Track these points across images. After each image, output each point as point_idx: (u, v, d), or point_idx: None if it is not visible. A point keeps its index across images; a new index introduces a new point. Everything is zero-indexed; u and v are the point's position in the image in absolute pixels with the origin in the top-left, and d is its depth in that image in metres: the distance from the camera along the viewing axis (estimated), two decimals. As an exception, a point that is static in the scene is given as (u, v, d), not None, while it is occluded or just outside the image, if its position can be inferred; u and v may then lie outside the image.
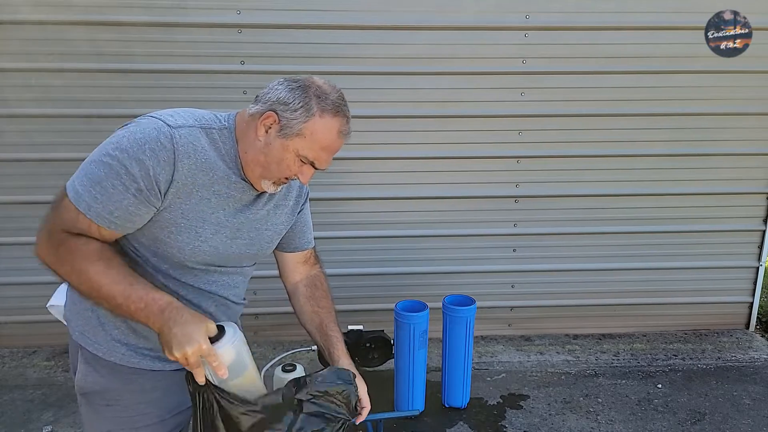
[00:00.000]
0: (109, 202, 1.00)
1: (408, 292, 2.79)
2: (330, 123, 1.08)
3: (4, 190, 2.72)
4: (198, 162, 1.05)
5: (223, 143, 1.10)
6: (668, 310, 3.14)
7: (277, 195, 1.25)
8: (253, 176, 1.11)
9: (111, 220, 1.01)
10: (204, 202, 1.08)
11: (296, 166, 1.10)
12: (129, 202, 1.00)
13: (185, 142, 1.03)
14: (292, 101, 1.06)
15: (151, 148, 0.99)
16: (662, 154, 2.92)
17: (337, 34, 2.65)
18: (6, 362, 2.77)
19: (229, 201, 1.12)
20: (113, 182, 0.99)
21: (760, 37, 2.78)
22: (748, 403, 2.51)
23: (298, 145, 1.07)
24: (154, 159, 0.99)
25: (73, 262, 1.00)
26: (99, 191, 0.99)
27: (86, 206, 1.00)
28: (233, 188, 1.12)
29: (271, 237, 1.27)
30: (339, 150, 1.13)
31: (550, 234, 2.98)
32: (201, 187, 1.07)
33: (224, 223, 1.13)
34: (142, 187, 0.99)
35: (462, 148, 2.84)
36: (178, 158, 1.01)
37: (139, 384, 1.18)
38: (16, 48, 2.57)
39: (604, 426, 2.34)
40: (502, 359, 2.87)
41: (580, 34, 2.74)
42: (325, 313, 1.40)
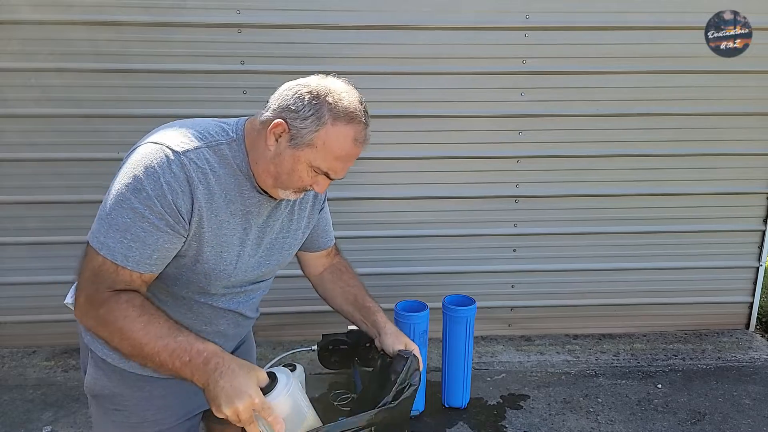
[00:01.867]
0: (145, 247, 0.96)
1: (408, 292, 2.78)
2: (344, 131, 1.00)
3: (4, 190, 2.71)
4: (210, 186, 1.01)
5: (233, 157, 1.04)
6: (668, 310, 3.14)
7: (295, 201, 1.20)
8: (267, 186, 1.07)
9: (152, 264, 0.98)
10: (224, 226, 1.05)
11: (309, 177, 1.04)
12: (164, 240, 0.97)
13: (195, 168, 0.99)
14: (302, 109, 0.99)
15: (167, 181, 0.95)
16: (662, 154, 2.92)
17: (337, 33, 2.65)
18: (6, 362, 2.77)
19: (247, 217, 1.09)
20: (142, 225, 0.95)
21: (760, 37, 2.78)
22: (748, 403, 2.51)
23: (309, 155, 1.01)
24: (172, 191, 0.96)
25: (114, 323, 0.94)
26: (131, 239, 0.95)
27: (123, 258, 0.95)
28: (249, 203, 1.08)
29: (291, 244, 1.24)
30: (357, 157, 1.06)
31: (550, 234, 2.98)
32: (218, 211, 1.03)
33: (246, 241, 1.10)
34: (170, 221, 0.96)
35: (462, 148, 2.84)
36: (193, 186, 0.98)
37: (148, 391, 1.17)
38: (16, 48, 2.57)
39: (604, 426, 2.34)
40: (502, 359, 2.87)
41: (581, 34, 2.74)
42: (356, 290, 1.38)
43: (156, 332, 0.93)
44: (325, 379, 2.63)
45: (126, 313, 0.94)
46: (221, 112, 2.51)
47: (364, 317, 1.33)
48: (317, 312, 2.95)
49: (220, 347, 0.96)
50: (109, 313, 0.94)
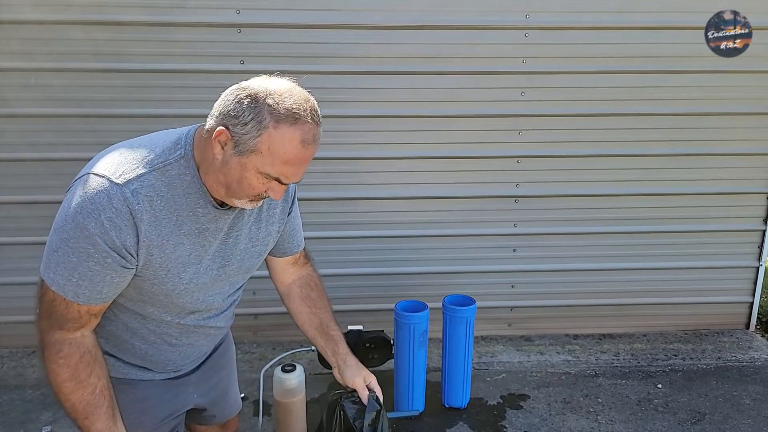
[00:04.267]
0: (94, 284, 0.97)
1: (408, 292, 2.78)
2: (289, 134, 0.94)
3: (4, 190, 2.71)
4: (157, 212, 0.98)
5: (182, 176, 1.00)
6: (668, 310, 3.14)
7: (261, 206, 1.17)
8: (220, 197, 1.03)
9: (103, 297, 1.00)
10: (179, 248, 1.02)
11: (261, 184, 0.98)
12: (113, 276, 0.97)
13: (139, 199, 0.95)
14: (242, 114, 0.94)
15: (108, 218, 0.93)
16: (662, 154, 2.92)
17: (337, 33, 2.65)
18: (5, 362, 2.77)
19: (203, 235, 1.05)
20: (88, 264, 0.95)
21: (760, 37, 2.78)
22: (748, 403, 2.51)
23: (256, 162, 0.95)
24: (115, 228, 0.94)
25: (48, 372, 1.00)
26: (79, 277, 0.96)
27: (73, 294, 0.97)
28: (204, 221, 1.04)
29: (261, 251, 1.22)
30: (310, 159, 1.00)
31: (550, 234, 2.98)
32: (169, 236, 1.00)
33: (204, 258, 1.07)
34: (116, 257, 0.96)
35: (462, 148, 2.84)
36: (137, 218, 0.95)
37: (130, 393, 1.17)
38: (16, 47, 2.57)
39: (605, 426, 2.34)
40: (502, 359, 2.87)
41: (581, 34, 2.74)
42: (323, 313, 1.38)
43: (75, 403, 1.00)
44: (325, 379, 2.63)
45: (58, 370, 0.99)
46: (221, 112, 2.50)
47: (326, 345, 1.35)
48: (317, 312, 2.95)
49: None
50: (47, 360, 0.99)
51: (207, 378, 1.35)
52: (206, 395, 1.36)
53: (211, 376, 1.36)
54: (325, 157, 2.77)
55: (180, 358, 1.22)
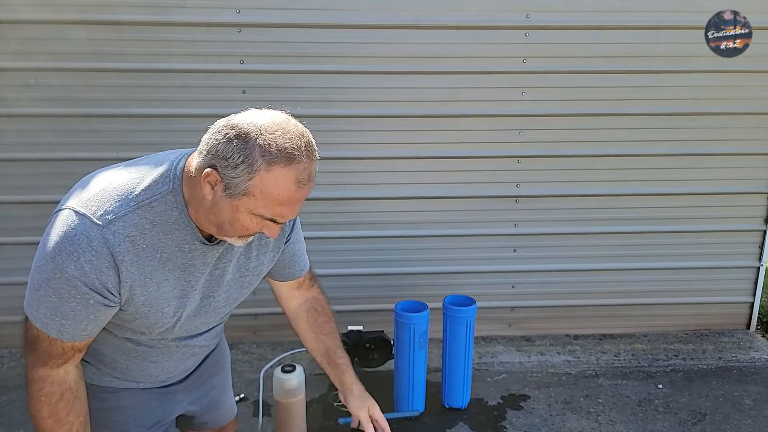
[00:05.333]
0: (77, 323, 0.96)
1: (408, 292, 2.78)
2: (282, 175, 0.88)
3: (4, 190, 2.71)
4: (140, 251, 0.95)
5: (168, 212, 0.96)
6: (669, 310, 3.14)
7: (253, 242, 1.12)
8: (212, 233, 0.99)
9: (87, 334, 1.00)
10: (163, 285, 1.00)
11: (254, 224, 0.94)
12: (95, 315, 0.97)
13: (120, 240, 0.92)
14: (231, 155, 0.88)
15: (88, 260, 0.91)
16: (662, 154, 2.92)
17: (337, 33, 2.65)
18: (5, 362, 2.77)
19: (190, 270, 1.02)
20: (69, 305, 0.94)
21: (760, 37, 2.78)
22: (749, 404, 2.50)
23: (249, 204, 0.91)
24: (95, 270, 0.91)
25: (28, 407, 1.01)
26: (62, 316, 0.95)
27: (57, 333, 0.97)
28: (190, 257, 1.01)
29: (251, 281, 1.18)
30: (305, 197, 0.96)
31: (550, 234, 2.98)
32: (152, 273, 0.98)
33: (189, 293, 1.05)
34: (98, 297, 0.94)
35: (462, 147, 2.83)
36: (118, 260, 0.92)
37: (113, 401, 1.17)
38: (15, 47, 2.56)
39: (605, 426, 2.34)
40: (502, 360, 2.87)
41: (581, 34, 2.74)
42: (329, 340, 1.35)
43: None
44: (325, 379, 2.62)
45: (38, 407, 1.00)
46: (221, 112, 2.48)
47: (332, 372, 1.35)
48: (317, 312, 2.94)
49: None
50: (29, 395, 1.01)
51: (197, 386, 1.32)
52: (197, 402, 1.33)
53: (201, 383, 1.33)
54: (324, 156, 2.73)
55: (163, 372, 1.20)
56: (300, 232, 1.28)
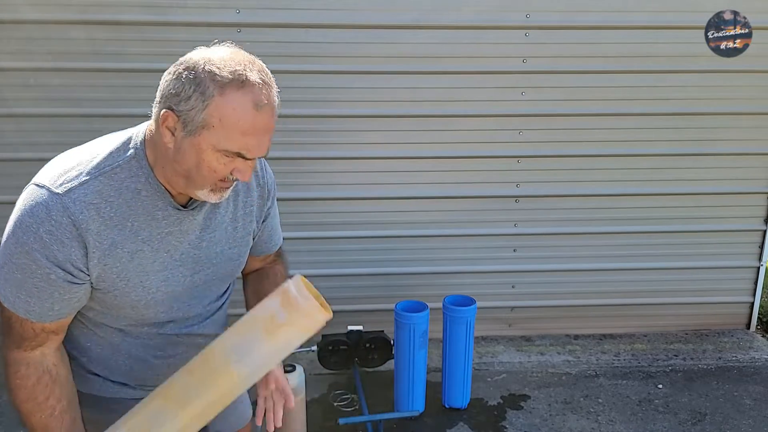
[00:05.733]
0: (42, 301, 0.91)
1: (408, 292, 2.78)
2: (238, 99, 0.84)
3: (4, 190, 2.70)
4: (107, 220, 0.90)
5: (134, 178, 0.92)
6: (669, 310, 3.14)
7: (236, 203, 1.08)
8: (182, 190, 0.93)
9: (55, 314, 0.93)
10: (137, 256, 0.94)
11: (222, 165, 0.88)
12: (61, 292, 0.91)
13: (82, 208, 0.88)
14: (182, 89, 0.84)
15: (47, 231, 0.86)
16: (662, 154, 2.92)
17: (337, 33, 2.65)
18: (4, 363, 2.76)
19: (167, 239, 0.96)
20: (33, 281, 0.89)
21: (760, 37, 2.78)
22: (748, 404, 2.50)
23: (211, 138, 0.85)
24: (56, 241, 0.87)
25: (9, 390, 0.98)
26: (27, 294, 0.90)
27: (24, 312, 0.91)
28: (165, 225, 0.95)
29: (240, 253, 1.11)
30: (272, 126, 0.90)
31: (550, 234, 2.98)
32: (123, 244, 0.92)
33: (173, 264, 0.99)
34: (59, 273, 0.89)
35: (462, 147, 2.83)
36: (81, 229, 0.87)
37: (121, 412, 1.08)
38: (15, 47, 2.56)
39: (605, 426, 2.34)
40: (502, 360, 2.87)
41: (581, 34, 2.74)
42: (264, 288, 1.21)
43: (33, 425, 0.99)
44: (325, 379, 2.63)
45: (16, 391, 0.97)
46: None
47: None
48: (317, 312, 2.94)
49: None
50: (6, 378, 0.96)
51: None
52: None
53: None
54: (324, 156, 2.77)
55: (168, 372, 1.11)
56: (276, 205, 1.21)
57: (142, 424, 0.92)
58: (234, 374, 0.87)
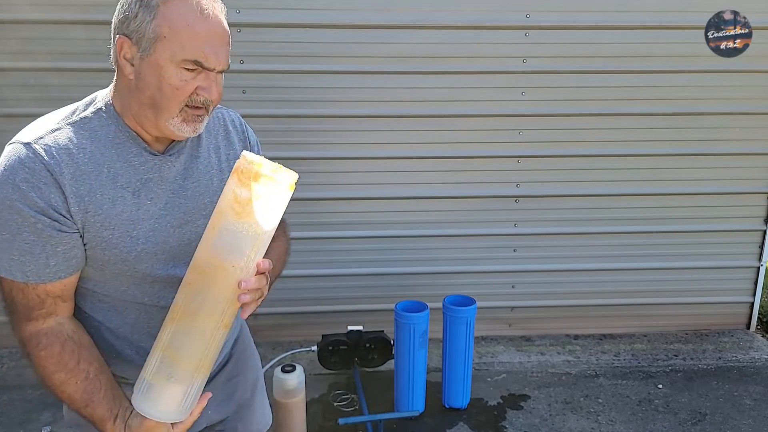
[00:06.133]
0: (36, 257, 0.89)
1: (408, 292, 2.78)
2: (183, 5, 0.86)
3: (3, 190, 2.71)
4: (81, 165, 0.90)
5: (105, 128, 0.93)
6: (669, 310, 3.14)
7: (219, 156, 1.07)
8: (156, 126, 0.92)
9: (52, 271, 0.91)
10: (119, 203, 0.93)
11: (184, 82, 0.88)
12: (52, 244, 0.89)
13: (53, 152, 0.88)
14: (129, 10, 0.87)
15: (23, 179, 0.86)
16: (662, 154, 2.92)
17: (337, 32, 2.65)
18: (5, 362, 2.77)
19: (148, 186, 0.96)
20: (23, 237, 0.88)
21: (760, 37, 2.78)
22: (748, 404, 2.50)
23: (165, 51, 0.86)
24: (33, 188, 0.86)
25: (36, 368, 0.95)
26: (19, 253, 0.88)
27: (22, 274, 0.89)
28: (143, 170, 0.95)
29: None
30: (226, 35, 0.91)
31: (550, 234, 2.98)
32: (102, 189, 0.91)
33: (159, 213, 0.97)
34: (47, 221, 0.87)
35: (462, 147, 2.84)
36: (56, 174, 0.87)
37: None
38: (15, 47, 2.56)
39: (605, 426, 2.34)
40: (502, 360, 2.87)
41: (581, 33, 2.74)
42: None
43: (71, 394, 0.94)
44: (325, 379, 2.63)
45: (43, 365, 0.94)
46: (221, 112, 2.50)
47: None
48: (317, 312, 2.94)
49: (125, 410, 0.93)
50: (29, 357, 0.95)
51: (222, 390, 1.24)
52: (222, 406, 1.24)
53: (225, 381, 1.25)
54: (324, 156, 2.77)
55: None
56: None
57: (165, 357, 0.89)
58: (228, 267, 0.86)
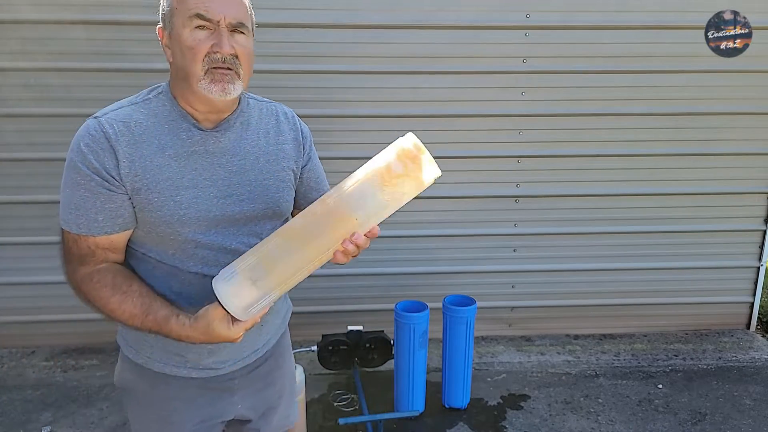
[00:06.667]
0: (87, 211, 1.01)
1: (408, 292, 2.78)
2: None
3: (4, 190, 2.71)
4: (136, 135, 1.03)
5: (162, 107, 1.07)
6: (669, 310, 3.14)
7: (267, 139, 1.15)
8: (193, 94, 1.04)
9: (100, 226, 1.02)
10: (165, 169, 1.04)
11: (198, 41, 1.00)
12: (102, 201, 1.01)
13: (114, 124, 1.02)
14: (160, 4, 1.06)
15: (86, 144, 1.01)
16: (662, 154, 2.92)
17: (337, 33, 2.65)
18: (5, 362, 2.77)
19: (193, 157, 1.06)
20: (79, 193, 1.01)
21: (760, 37, 2.78)
22: (748, 404, 2.50)
23: (179, 19, 1.00)
24: (92, 152, 1.00)
25: (93, 303, 1.04)
26: (75, 207, 1.02)
27: (76, 226, 1.02)
28: (190, 143, 1.06)
29: (278, 187, 1.15)
30: None
31: (550, 234, 2.98)
32: (152, 157, 1.03)
33: (203, 183, 1.06)
34: (99, 180, 1.01)
35: (462, 147, 2.84)
36: (113, 141, 1.01)
37: (162, 389, 1.16)
38: (15, 47, 2.56)
39: (605, 426, 2.34)
40: (502, 360, 2.87)
41: (581, 34, 2.74)
42: None
43: (130, 309, 1.03)
44: (325, 379, 2.63)
45: (99, 294, 1.03)
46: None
47: None
48: (317, 312, 2.95)
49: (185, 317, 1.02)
50: (87, 293, 1.04)
51: (258, 389, 1.27)
52: (253, 409, 1.28)
53: (263, 388, 1.28)
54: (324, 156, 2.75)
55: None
56: (318, 159, 1.32)
57: (261, 263, 0.96)
58: (353, 220, 0.94)
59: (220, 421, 1.24)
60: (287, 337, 1.38)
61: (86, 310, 1.10)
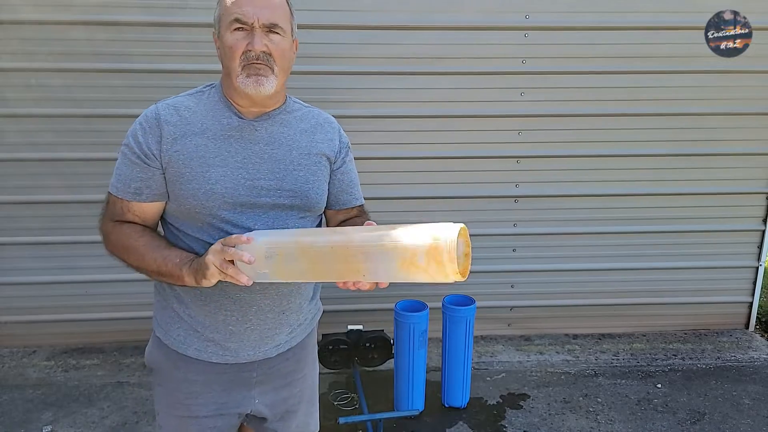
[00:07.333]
0: (125, 177, 1.16)
1: (408, 292, 2.78)
2: None
3: (4, 190, 2.71)
4: (183, 117, 1.16)
5: (211, 97, 1.20)
6: (668, 310, 3.14)
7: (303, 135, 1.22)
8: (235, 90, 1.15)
9: (132, 192, 1.15)
10: (202, 148, 1.15)
11: (236, 41, 1.12)
12: (138, 170, 1.15)
13: (165, 107, 1.17)
14: (214, 13, 1.18)
15: (140, 123, 1.17)
16: (662, 154, 2.92)
17: (337, 33, 2.65)
18: (5, 362, 2.77)
19: (229, 141, 1.17)
20: (124, 161, 1.17)
21: (760, 37, 2.78)
22: (747, 403, 2.51)
23: (223, 25, 1.13)
24: (142, 130, 1.16)
25: (122, 243, 1.15)
26: (118, 173, 1.17)
27: (114, 189, 1.17)
28: (229, 128, 1.17)
29: (308, 179, 1.20)
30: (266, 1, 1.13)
31: (550, 234, 2.98)
32: (192, 136, 1.15)
33: (234, 164, 1.15)
34: (139, 154, 1.14)
35: (462, 148, 2.84)
36: (162, 121, 1.15)
37: (183, 371, 1.22)
38: (16, 48, 2.57)
39: (604, 426, 2.34)
40: (501, 359, 2.87)
41: (580, 34, 2.74)
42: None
43: (155, 244, 1.15)
44: (325, 378, 2.64)
45: (125, 239, 1.16)
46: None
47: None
48: (317, 312, 2.95)
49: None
50: (118, 239, 1.17)
51: (276, 387, 1.29)
52: (271, 407, 1.29)
53: (281, 387, 1.30)
54: (325, 157, 2.77)
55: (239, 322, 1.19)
56: (353, 164, 1.37)
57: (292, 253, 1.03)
58: (361, 274, 1.00)
59: (236, 413, 1.27)
60: (313, 341, 1.40)
61: (87, 310, 1.12)
